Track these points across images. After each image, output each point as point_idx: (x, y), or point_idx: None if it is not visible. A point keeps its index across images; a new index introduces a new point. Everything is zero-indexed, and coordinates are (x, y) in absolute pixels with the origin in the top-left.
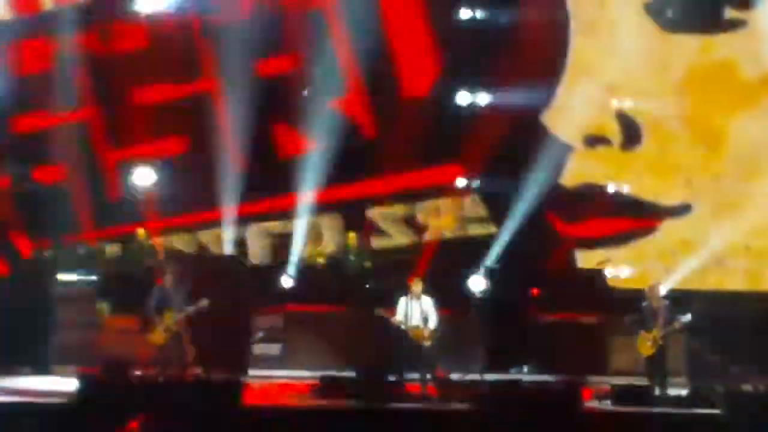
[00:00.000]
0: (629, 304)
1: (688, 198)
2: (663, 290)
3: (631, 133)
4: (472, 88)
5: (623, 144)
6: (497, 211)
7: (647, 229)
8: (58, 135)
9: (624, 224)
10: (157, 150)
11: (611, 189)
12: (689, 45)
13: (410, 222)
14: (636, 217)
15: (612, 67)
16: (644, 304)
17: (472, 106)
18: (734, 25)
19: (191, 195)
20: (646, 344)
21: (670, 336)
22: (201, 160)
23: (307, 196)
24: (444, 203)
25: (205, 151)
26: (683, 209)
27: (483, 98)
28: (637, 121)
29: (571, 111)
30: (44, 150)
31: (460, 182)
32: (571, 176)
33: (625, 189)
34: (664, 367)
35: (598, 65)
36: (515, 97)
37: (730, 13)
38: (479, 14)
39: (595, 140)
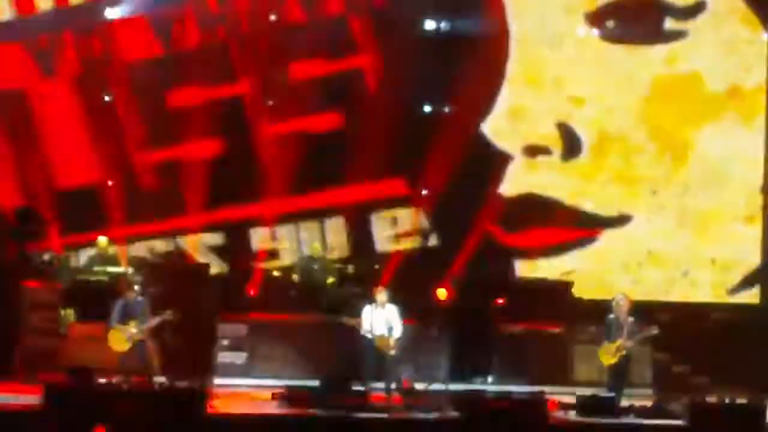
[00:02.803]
0: (594, 316)
1: (654, 209)
2: (628, 302)
3: (574, 144)
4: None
5: (564, 154)
6: (447, 222)
7: (590, 239)
8: None
9: (567, 234)
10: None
11: (553, 199)
12: (654, 57)
13: None
14: (580, 227)
15: (576, 79)
16: (610, 315)
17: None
18: (675, 35)
19: (155, 203)
20: (608, 355)
21: (635, 347)
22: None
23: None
24: (399, 214)
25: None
26: (624, 219)
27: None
28: (580, 132)
29: (512, 121)
30: None
31: (411, 194)
32: (512, 186)
33: (568, 199)
34: (627, 377)
35: (562, 76)
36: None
37: (670, 23)
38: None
39: (537, 150)
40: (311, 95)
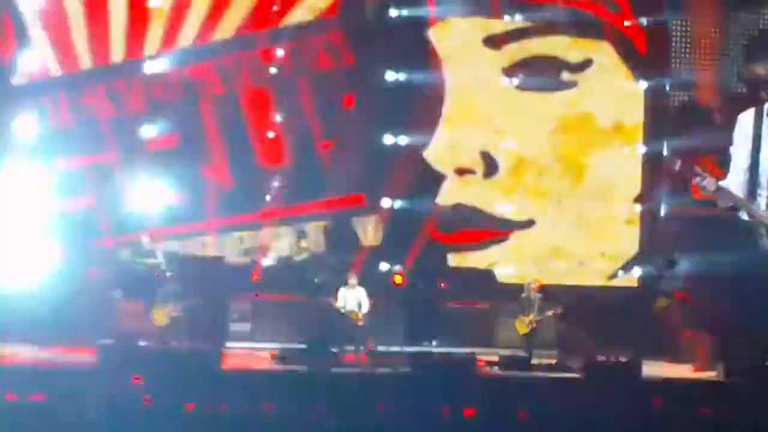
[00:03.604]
0: (512, 295)
1: (558, 215)
2: (538, 285)
3: (492, 167)
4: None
5: (485, 174)
6: (400, 226)
7: (503, 238)
8: None
9: (489, 234)
10: None
11: (479, 208)
12: (557, 100)
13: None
14: (499, 229)
15: (499, 117)
16: (523, 295)
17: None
18: (570, 85)
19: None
20: (522, 325)
21: (544, 320)
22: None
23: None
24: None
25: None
26: (530, 223)
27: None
28: (500, 157)
29: (447, 149)
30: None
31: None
32: (447, 198)
33: (489, 208)
34: (536, 341)
35: (487, 116)
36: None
37: (566, 75)
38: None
39: (465, 171)
40: None
